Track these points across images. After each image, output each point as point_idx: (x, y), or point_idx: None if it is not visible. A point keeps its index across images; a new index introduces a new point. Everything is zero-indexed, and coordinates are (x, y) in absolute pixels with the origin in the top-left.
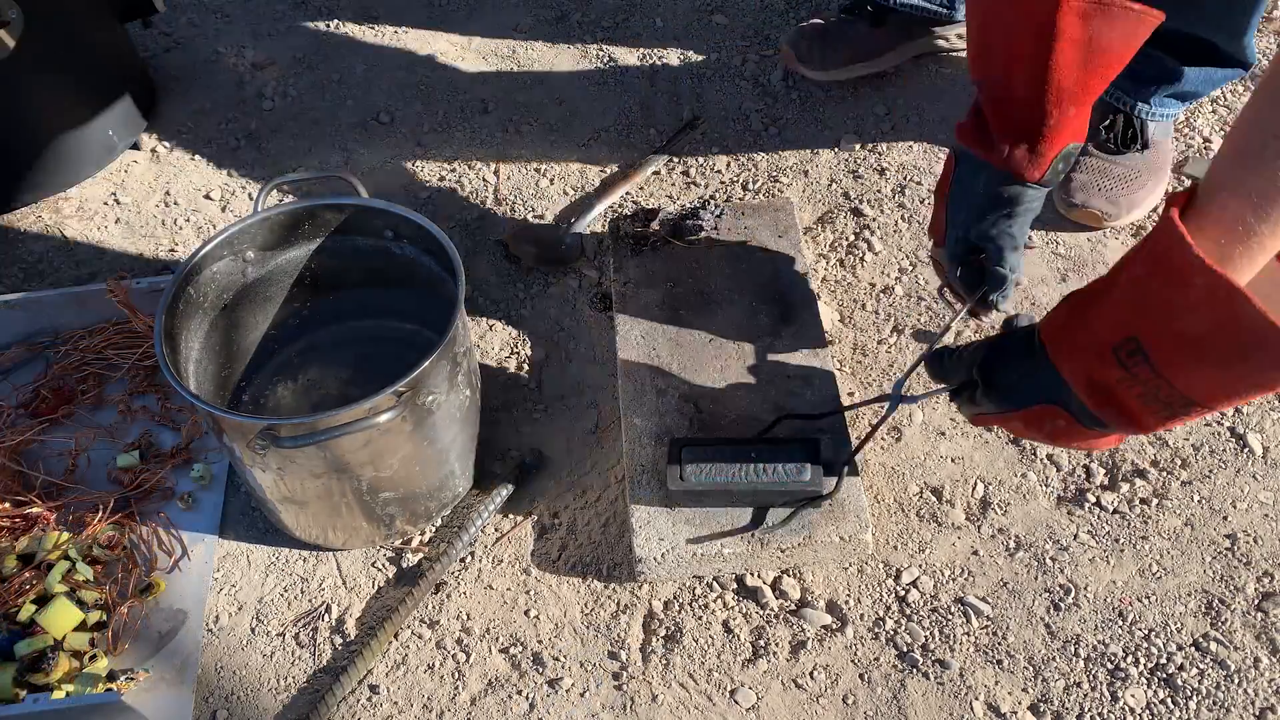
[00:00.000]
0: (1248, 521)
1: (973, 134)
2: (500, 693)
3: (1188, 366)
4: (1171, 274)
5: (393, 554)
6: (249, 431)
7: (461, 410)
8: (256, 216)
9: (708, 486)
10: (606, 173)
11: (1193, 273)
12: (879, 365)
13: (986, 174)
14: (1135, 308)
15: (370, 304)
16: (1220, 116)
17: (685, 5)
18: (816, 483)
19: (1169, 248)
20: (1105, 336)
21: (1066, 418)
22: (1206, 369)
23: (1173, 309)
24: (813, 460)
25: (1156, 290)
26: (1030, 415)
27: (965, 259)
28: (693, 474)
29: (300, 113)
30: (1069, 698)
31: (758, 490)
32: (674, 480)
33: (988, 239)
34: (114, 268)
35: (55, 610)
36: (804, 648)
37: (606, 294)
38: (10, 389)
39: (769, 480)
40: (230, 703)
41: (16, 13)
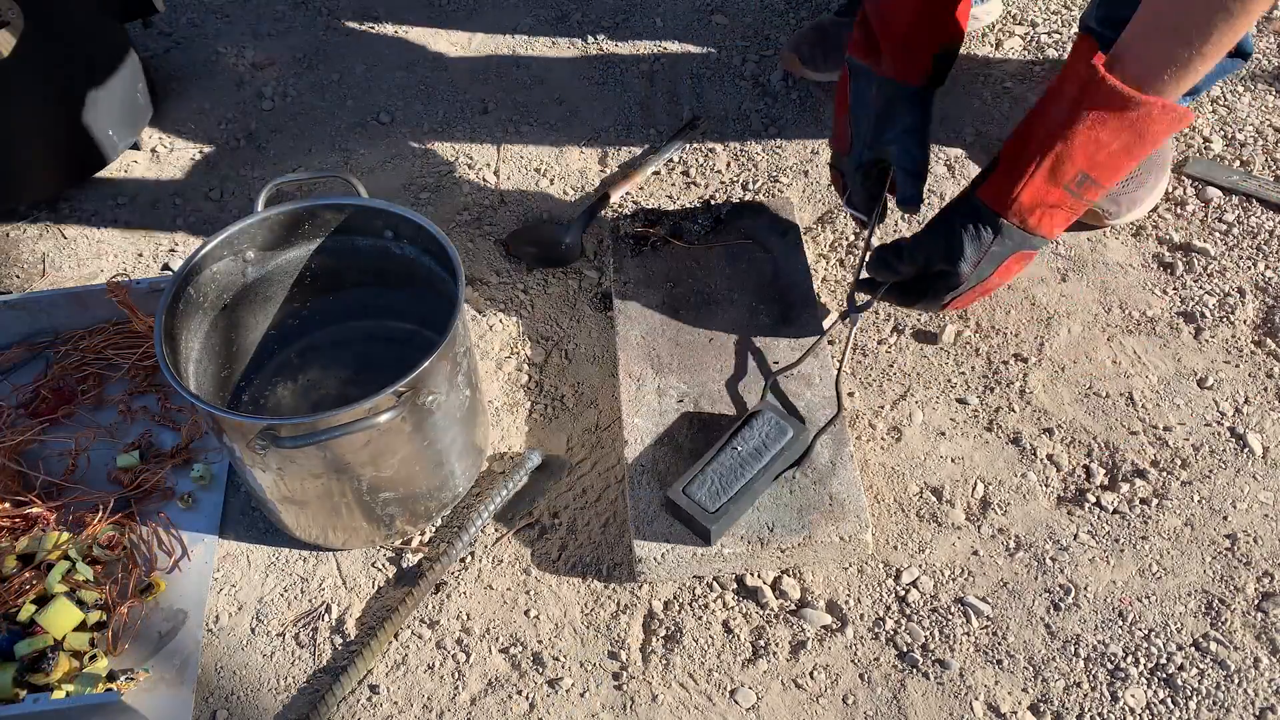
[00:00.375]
0: (1248, 521)
1: (861, 46)
2: (500, 693)
3: (1115, 170)
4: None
5: (393, 554)
6: (249, 431)
7: (461, 410)
8: (256, 216)
9: (732, 496)
10: (606, 173)
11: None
12: (879, 365)
13: (878, 84)
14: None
15: (370, 304)
16: (1220, 116)
17: (685, 5)
18: (801, 436)
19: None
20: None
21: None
22: (1122, 163)
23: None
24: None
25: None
26: (1007, 269)
27: (870, 168)
28: (709, 499)
29: (300, 113)
30: (1069, 698)
31: (763, 471)
32: (709, 519)
33: (889, 144)
34: (114, 268)
35: (55, 610)
36: (804, 648)
37: (606, 294)
38: (10, 389)
39: (765, 457)
40: (230, 703)
41: (16, 13)
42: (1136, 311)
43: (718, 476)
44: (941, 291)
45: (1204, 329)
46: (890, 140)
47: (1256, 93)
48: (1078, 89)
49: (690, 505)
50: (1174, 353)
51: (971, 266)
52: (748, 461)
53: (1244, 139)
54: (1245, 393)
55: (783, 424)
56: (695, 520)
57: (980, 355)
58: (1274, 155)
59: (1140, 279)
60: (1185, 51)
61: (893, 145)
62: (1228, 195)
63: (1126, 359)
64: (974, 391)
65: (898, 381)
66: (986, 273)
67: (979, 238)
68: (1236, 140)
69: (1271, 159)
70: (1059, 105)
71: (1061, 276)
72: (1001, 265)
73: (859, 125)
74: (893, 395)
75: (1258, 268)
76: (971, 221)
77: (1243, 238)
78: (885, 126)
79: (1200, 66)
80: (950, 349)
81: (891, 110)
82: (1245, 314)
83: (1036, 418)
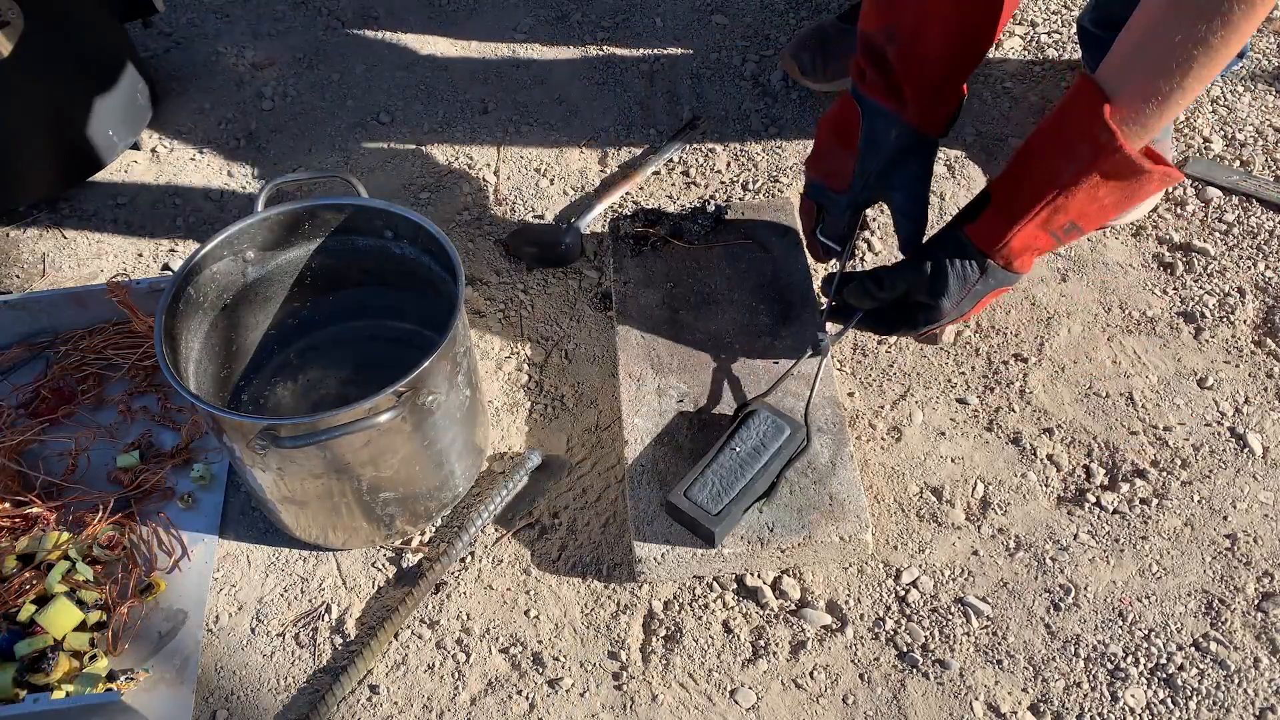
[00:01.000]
0: (1248, 521)
1: (879, 87)
2: (500, 693)
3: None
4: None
5: (393, 554)
6: (249, 431)
7: (461, 410)
8: (256, 216)
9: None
10: (606, 173)
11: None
12: (879, 365)
13: (898, 129)
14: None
15: (370, 304)
16: (1220, 116)
17: (685, 5)
18: (799, 433)
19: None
20: (1054, 229)
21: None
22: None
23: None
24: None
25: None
26: (983, 303)
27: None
28: (711, 501)
29: (300, 113)
30: (1069, 698)
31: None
32: (713, 522)
33: (895, 189)
34: (114, 268)
35: (55, 610)
36: (804, 648)
37: (606, 294)
38: (10, 389)
39: (764, 456)
40: (230, 703)
41: (16, 13)
42: (1136, 311)
43: (718, 478)
44: (920, 323)
45: (1204, 329)
46: (898, 185)
47: (1256, 93)
48: (1092, 152)
49: (692, 508)
50: (1174, 353)
51: (954, 303)
52: (747, 462)
53: (1244, 139)
54: (1245, 393)
55: (779, 422)
56: (699, 524)
57: (980, 355)
58: (1274, 155)
59: (1140, 279)
60: (1166, 85)
61: (898, 192)
62: (1228, 195)
63: (1126, 359)
64: (974, 391)
65: (898, 381)
66: (966, 308)
67: (965, 276)
68: (1236, 140)
69: (1271, 159)
70: (1067, 162)
71: (1061, 276)
72: (981, 301)
73: (865, 165)
74: (893, 395)
75: (1258, 268)
76: (959, 259)
77: (1243, 238)
78: (895, 171)
79: (1182, 100)
80: (950, 349)
81: (905, 156)
82: (1245, 314)
83: (1036, 418)
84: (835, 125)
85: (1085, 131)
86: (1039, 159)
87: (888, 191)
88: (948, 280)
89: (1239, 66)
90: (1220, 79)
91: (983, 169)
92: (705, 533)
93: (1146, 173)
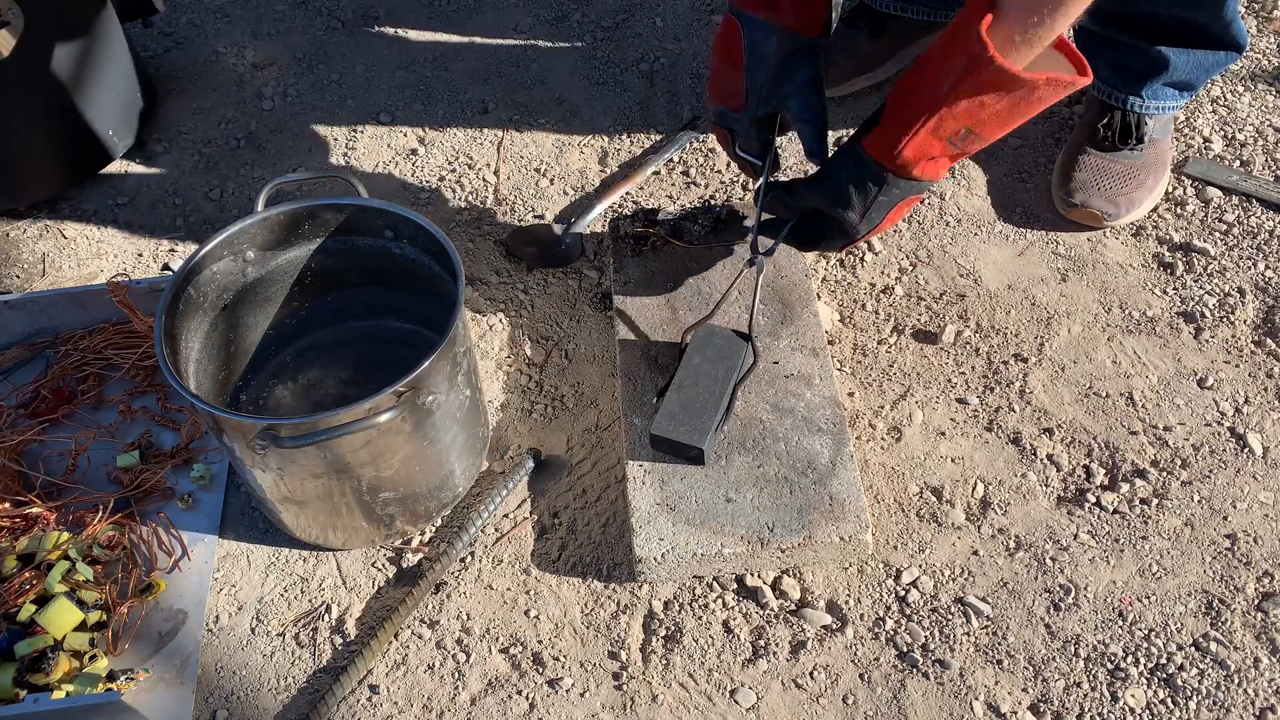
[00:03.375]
0: (1248, 521)
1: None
2: (500, 693)
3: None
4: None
5: (393, 554)
6: (249, 431)
7: (461, 410)
8: (256, 216)
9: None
10: (606, 173)
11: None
12: (879, 365)
13: (777, 37)
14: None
15: (370, 304)
16: (1220, 116)
17: (685, 5)
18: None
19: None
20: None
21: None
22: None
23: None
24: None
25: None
26: (897, 213)
27: (765, 121)
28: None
29: (300, 113)
30: (1069, 698)
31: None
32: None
33: (788, 97)
34: (114, 268)
35: (55, 610)
36: (804, 648)
37: (606, 294)
38: (10, 389)
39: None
40: (230, 703)
41: (16, 13)
42: (1136, 311)
43: (691, 400)
44: (836, 236)
45: (1204, 329)
46: (789, 94)
47: (1256, 93)
48: (966, 63)
49: (677, 432)
50: (1174, 353)
51: (859, 215)
52: (713, 377)
53: (1244, 139)
54: (1245, 393)
55: (730, 335)
56: (686, 445)
57: (980, 355)
58: (1274, 155)
59: (1140, 279)
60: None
61: (792, 99)
62: (1228, 195)
63: (1126, 359)
64: (974, 391)
65: (898, 381)
66: (876, 219)
67: (864, 189)
68: (1236, 140)
69: (1271, 159)
70: (945, 71)
71: (1061, 276)
72: (891, 210)
73: (754, 78)
74: (893, 395)
75: (1258, 268)
76: (856, 173)
77: (1243, 238)
78: (783, 79)
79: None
80: (950, 349)
81: (789, 63)
82: (1245, 314)
83: (1036, 418)
84: (723, 47)
85: (964, 44)
86: (923, 69)
87: (782, 101)
88: (850, 194)
89: (1235, 61)
90: (1220, 78)
91: (983, 169)
92: (695, 453)
93: (1027, 83)
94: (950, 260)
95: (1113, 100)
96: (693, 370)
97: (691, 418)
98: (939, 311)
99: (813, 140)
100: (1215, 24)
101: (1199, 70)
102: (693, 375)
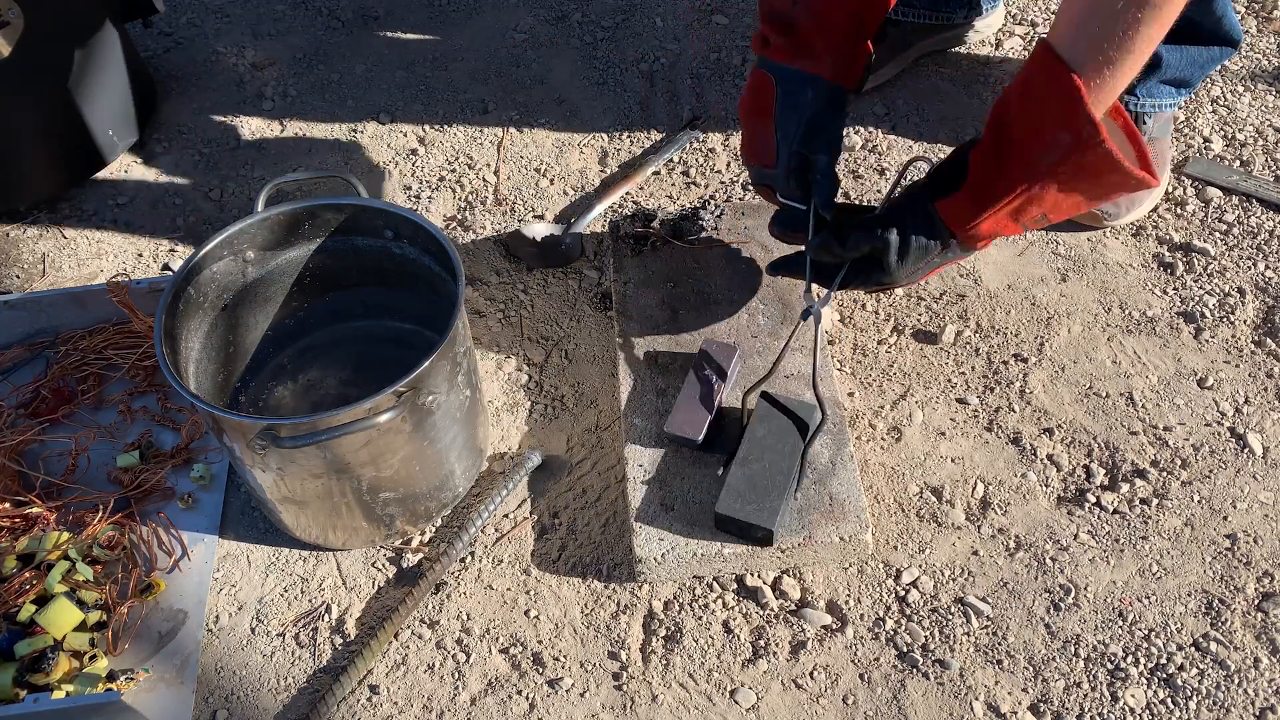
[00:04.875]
0: (1248, 521)
1: (785, 50)
2: (500, 693)
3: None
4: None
5: (393, 554)
6: (249, 431)
7: (461, 410)
8: (256, 216)
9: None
10: (606, 173)
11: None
12: (879, 365)
13: (813, 88)
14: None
15: (370, 304)
16: (1220, 116)
17: (685, 5)
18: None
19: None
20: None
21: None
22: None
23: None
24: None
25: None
26: (935, 271)
27: (799, 169)
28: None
29: (300, 113)
30: (1069, 698)
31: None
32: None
33: (823, 147)
34: (114, 268)
35: (55, 610)
36: (804, 648)
37: (606, 294)
38: (10, 389)
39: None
40: (230, 703)
41: (16, 13)
42: (1136, 311)
43: (758, 475)
44: (871, 282)
45: (1204, 329)
46: (820, 148)
47: (1256, 93)
48: (1072, 144)
49: (744, 511)
50: (1174, 353)
51: (909, 271)
52: (780, 451)
53: (1244, 139)
54: (1245, 393)
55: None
56: (756, 526)
57: (980, 355)
58: (1274, 155)
59: (1140, 279)
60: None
61: (822, 154)
62: (1228, 195)
63: (1126, 359)
64: (974, 391)
65: (898, 381)
66: (919, 276)
67: (927, 249)
68: (1236, 140)
69: (1271, 159)
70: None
71: (1061, 276)
72: (933, 270)
73: (786, 130)
74: (893, 395)
75: (1258, 268)
76: (923, 231)
77: (1243, 238)
78: (817, 131)
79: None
80: (950, 349)
81: (823, 115)
82: (1245, 314)
83: (1036, 418)
84: (753, 104)
85: (1066, 120)
86: (1018, 144)
87: (812, 154)
88: (910, 251)
89: (1231, 57)
90: (1220, 79)
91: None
92: (764, 534)
93: (1126, 174)
94: None
95: None
96: (757, 444)
97: (759, 496)
98: (939, 311)
99: (828, 194)
100: (1206, 19)
101: (1194, 66)
102: (758, 449)
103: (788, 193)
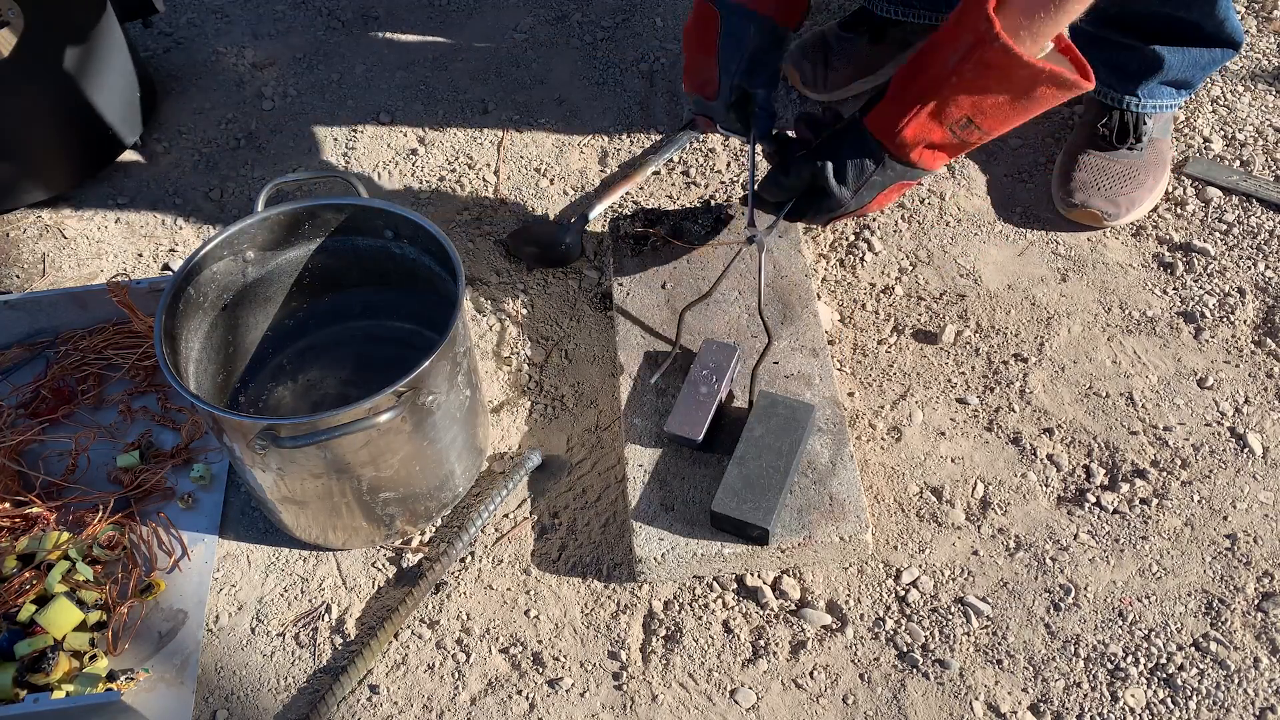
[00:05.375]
0: (1248, 521)
1: None
2: (500, 693)
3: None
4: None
5: (393, 554)
6: (249, 431)
7: (461, 410)
8: (256, 216)
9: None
10: (606, 173)
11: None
12: (879, 365)
13: (755, 25)
14: (974, 104)
15: (370, 304)
16: (1220, 116)
17: (685, 5)
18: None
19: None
20: (948, 122)
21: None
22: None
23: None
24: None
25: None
26: (886, 196)
27: (739, 102)
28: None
29: (300, 113)
30: (1069, 698)
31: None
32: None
33: (762, 82)
34: (114, 268)
35: (55, 610)
36: (804, 648)
37: (606, 294)
38: (10, 389)
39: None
40: (230, 703)
41: (16, 13)
42: (1136, 311)
43: (754, 475)
44: (822, 211)
45: (1204, 329)
46: (759, 84)
47: (1256, 93)
48: (972, 39)
49: (740, 510)
50: (1174, 353)
51: (852, 192)
52: (777, 451)
53: (1244, 139)
54: (1245, 393)
55: (794, 404)
56: (752, 525)
57: (980, 355)
58: (1274, 155)
59: (1140, 279)
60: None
61: (760, 90)
62: (1228, 195)
63: (1126, 359)
64: (974, 391)
65: (898, 381)
66: (866, 198)
67: (861, 166)
68: (1236, 140)
69: (1271, 159)
70: (951, 50)
71: (1061, 276)
72: (882, 192)
73: (727, 65)
74: (893, 395)
75: (1258, 268)
76: (856, 148)
77: (1243, 238)
78: (757, 69)
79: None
80: (950, 349)
81: (764, 53)
82: (1245, 314)
83: (1036, 418)
84: (696, 36)
85: (971, 23)
86: (931, 49)
87: (752, 89)
88: (846, 170)
89: (1232, 58)
90: (1220, 79)
91: (982, 169)
92: (759, 533)
93: (1028, 67)
94: (950, 260)
95: (1110, 100)
96: (755, 443)
97: (755, 495)
98: (939, 311)
99: (768, 127)
100: (1208, 22)
101: (1195, 68)
102: (755, 448)
103: (728, 124)
